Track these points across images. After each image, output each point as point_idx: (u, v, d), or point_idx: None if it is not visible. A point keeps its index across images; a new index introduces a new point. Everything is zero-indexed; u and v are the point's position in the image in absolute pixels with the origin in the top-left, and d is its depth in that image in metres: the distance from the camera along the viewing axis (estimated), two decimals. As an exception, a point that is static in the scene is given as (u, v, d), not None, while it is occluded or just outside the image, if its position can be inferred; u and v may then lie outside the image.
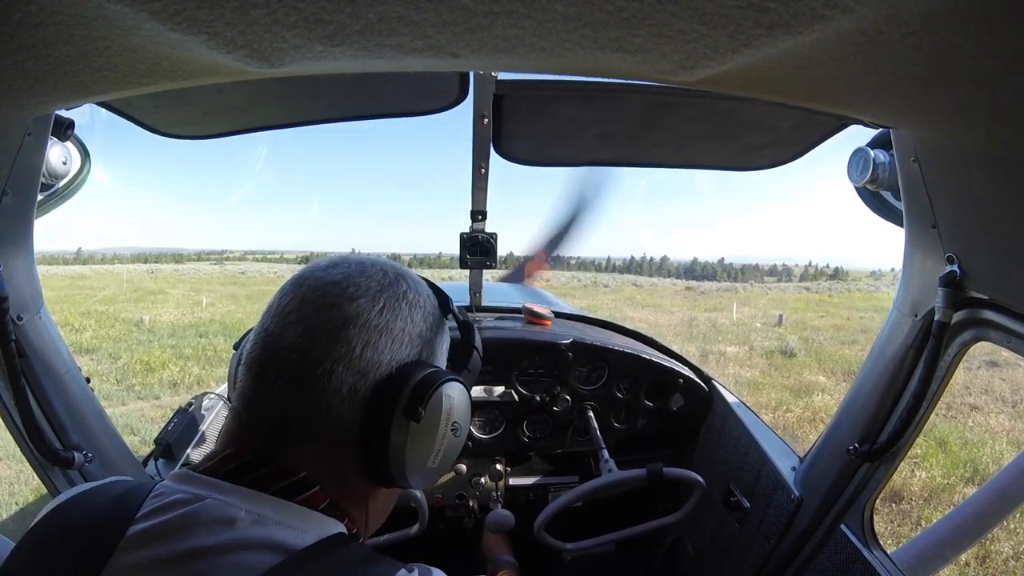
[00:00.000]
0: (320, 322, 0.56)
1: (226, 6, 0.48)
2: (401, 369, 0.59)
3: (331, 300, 0.57)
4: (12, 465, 4.42)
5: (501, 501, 1.77)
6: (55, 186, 1.11)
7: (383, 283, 0.61)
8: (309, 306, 0.57)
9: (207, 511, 0.51)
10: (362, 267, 0.62)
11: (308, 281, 0.60)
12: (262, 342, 0.58)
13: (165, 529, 0.50)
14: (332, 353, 0.55)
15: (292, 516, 0.53)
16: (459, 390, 0.63)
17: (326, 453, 0.57)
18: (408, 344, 0.60)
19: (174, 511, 0.51)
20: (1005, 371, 8.15)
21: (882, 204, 1.17)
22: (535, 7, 0.49)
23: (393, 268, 0.64)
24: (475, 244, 1.67)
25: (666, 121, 1.36)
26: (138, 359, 8.43)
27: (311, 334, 0.56)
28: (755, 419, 1.67)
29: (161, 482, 0.56)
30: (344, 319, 0.57)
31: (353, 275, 0.60)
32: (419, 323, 0.62)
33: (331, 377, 0.55)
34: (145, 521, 0.51)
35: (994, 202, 0.80)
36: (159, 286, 21.51)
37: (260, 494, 0.53)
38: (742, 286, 31.42)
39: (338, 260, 0.63)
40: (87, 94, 0.74)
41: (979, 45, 0.49)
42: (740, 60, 0.58)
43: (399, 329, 0.60)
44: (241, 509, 0.51)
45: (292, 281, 0.62)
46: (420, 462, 0.61)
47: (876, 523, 1.26)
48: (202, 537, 0.49)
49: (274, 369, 0.56)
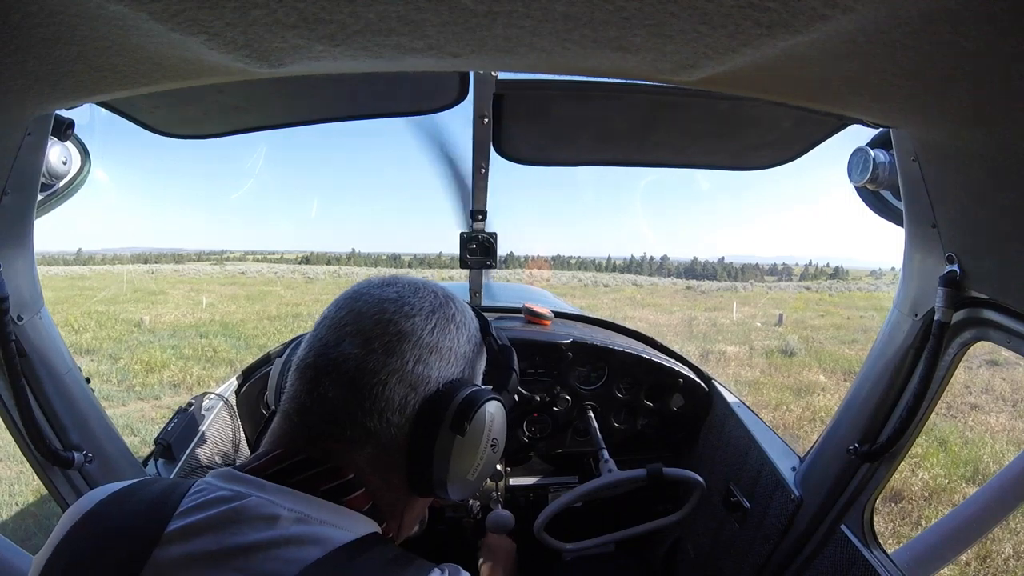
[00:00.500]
0: (377, 335, 0.60)
1: (226, 6, 0.48)
2: (448, 386, 0.62)
3: (388, 316, 0.61)
4: (12, 466, 4.42)
5: (501, 501, 1.77)
6: (55, 186, 1.11)
7: (435, 304, 0.65)
8: (367, 320, 0.61)
9: (250, 508, 0.52)
10: (415, 288, 0.66)
11: (364, 297, 0.64)
12: (317, 350, 0.61)
13: (207, 524, 0.51)
14: (387, 365, 0.59)
15: (337, 516, 0.55)
16: (499, 408, 0.68)
17: (374, 459, 0.59)
18: (454, 363, 0.64)
19: (217, 508, 0.53)
20: (1005, 370, 8.15)
21: (882, 204, 1.17)
22: (535, 7, 0.49)
23: (443, 290, 0.69)
24: (475, 244, 1.67)
25: (666, 121, 1.36)
26: (138, 359, 8.42)
27: (368, 346, 0.59)
28: (755, 419, 1.67)
29: (203, 479, 0.58)
30: (400, 335, 0.60)
31: (407, 295, 0.64)
32: (464, 344, 0.66)
33: (384, 388, 0.58)
34: (186, 517, 0.52)
35: (994, 202, 0.80)
36: (159, 286, 21.52)
37: (306, 495, 0.55)
38: (742, 285, 31.42)
39: (391, 280, 0.67)
40: (87, 94, 0.74)
41: (979, 45, 0.49)
42: (740, 60, 0.58)
43: (447, 348, 0.64)
44: (284, 507, 0.53)
45: (348, 295, 0.65)
46: (462, 474, 0.64)
47: (876, 523, 1.26)
48: (245, 533, 0.50)
49: (330, 376, 0.58)
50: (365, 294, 0.64)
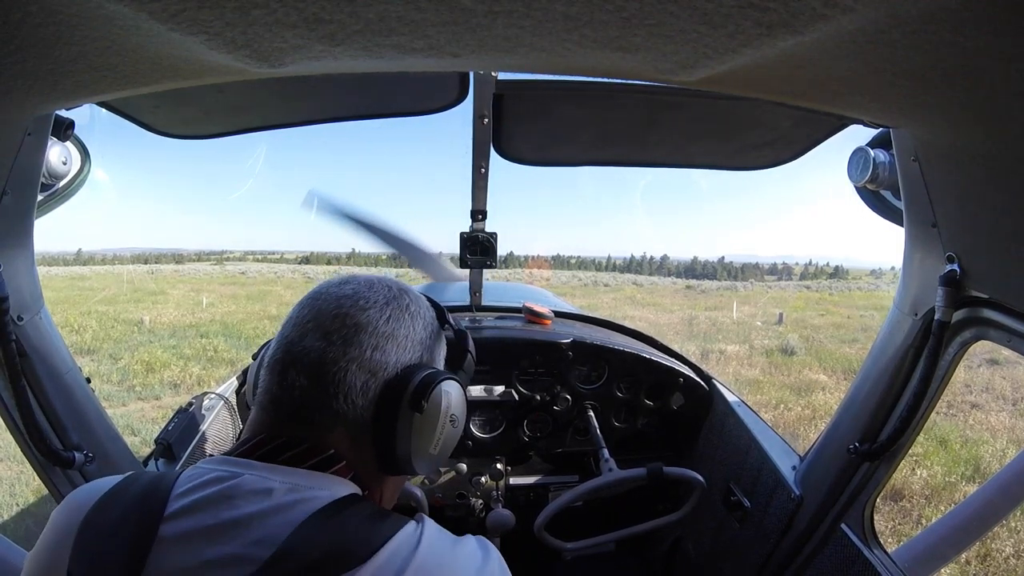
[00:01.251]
0: (336, 329, 0.65)
1: (226, 6, 0.48)
2: (406, 369, 0.67)
3: (345, 310, 0.66)
4: (12, 466, 4.42)
5: (501, 501, 1.77)
6: (55, 186, 1.11)
7: (388, 296, 0.70)
8: (326, 316, 0.66)
9: (245, 484, 0.57)
10: (370, 283, 0.71)
11: (324, 296, 0.69)
12: (283, 347, 0.66)
13: (205, 501, 0.56)
14: (347, 354, 0.64)
15: (325, 482, 0.60)
16: (456, 387, 0.73)
17: (346, 438, 0.64)
18: (411, 349, 0.69)
19: (214, 486, 0.57)
20: (1006, 369, 8.14)
21: (882, 203, 1.18)
22: (535, 7, 0.49)
23: (396, 284, 0.74)
24: (475, 244, 1.67)
25: (666, 121, 1.36)
26: (139, 359, 8.42)
27: (328, 339, 0.64)
28: (755, 418, 1.67)
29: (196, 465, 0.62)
30: (357, 326, 0.65)
31: (362, 290, 0.69)
32: (420, 331, 0.71)
33: (346, 374, 0.63)
34: (185, 498, 0.57)
35: (994, 202, 0.80)
36: (159, 287, 21.49)
37: (295, 469, 0.60)
38: (742, 285, 31.40)
39: (348, 278, 0.72)
40: (87, 94, 0.74)
41: (979, 45, 0.49)
42: (740, 60, 0.58)
43: (403, 336, 0.68)
44: (276, 480, 0.57)
45: (309, 296, 0.70)
46: (424, 449, 0.69)
47: (876, 522, 1.26)
48: (243, 507, 0.55)
49: (295, 367, 0.64)
50: (324, 293, 0.69)
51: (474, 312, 1.96)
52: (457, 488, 1.77)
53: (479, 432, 1.75)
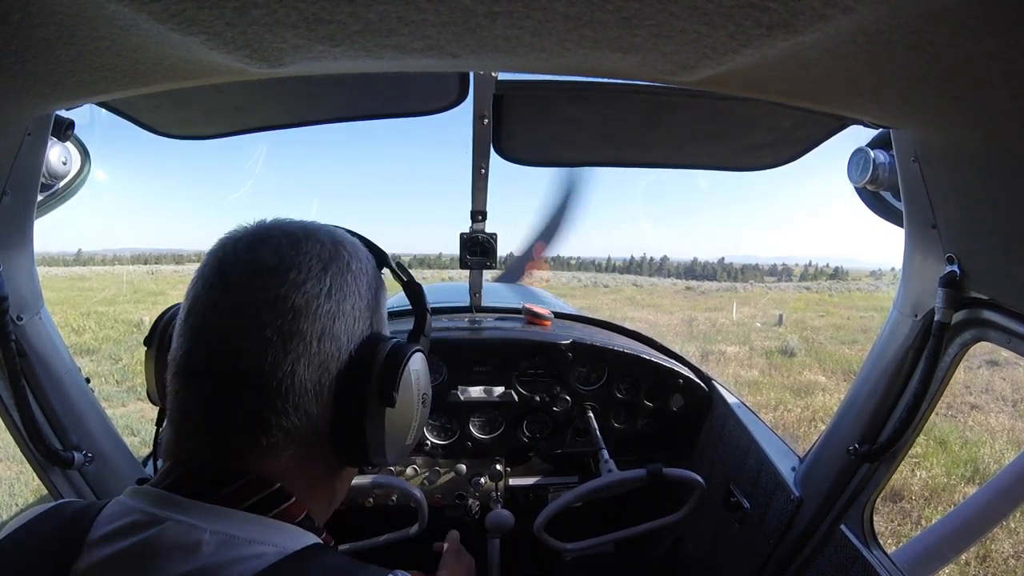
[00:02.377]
0: (267, 321, 0.49)
1: (226, 6, 0.48)
2: (359, 350, 0.54)
3: (273, 292, 0.50)
4: (12, 466, 4.42)
5: (501, 501, 1.77)
6: (55, 186, 1.11)
7: (324, 258, 0.53)
8: (245, 300, 0.50)
9: (167, 536, 0.45)
10: (294, 241, 0.53)
11: (235, 267, 0.51)
12: (198, 350, 0.50)
13: (120, 557, 0.45)
14: (289, 353, 0.49)
15: (267, 532, 0.48)
16: (420, 358, 0.60)
17: (298, 457, 0.52)
18: (359, 319, 0.55)
19: (131, 536, 0.46)
20: (1005, 370, 8.14)
21: (882, 204, 1.18)
22: (535, 7, 0.49)
23: (328, 235, 0.56)
24: (475, 244, 1.67)
25: (666, 121, 1.36)
26: (138, 360, 8.41)
27: (260, 334, 0.49)
28: (755, 419, 1.67)
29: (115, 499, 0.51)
30: (294, 311, 0.50)
31: (288, 255, 0.51)
32: (365, 292, 0.57)
33: (294, 379, 0.50)
34: (100, 548, 0.46)
35: (994, 202, 0.80)
36: (159, 287, 21.48)
37: (230, 510, 0.47)
38: (742, 286, 31.39)
39: (263, 236, 0.53)
40: (87, 94, 0.74)
41: (979, 45, 0.49)
42: (740, 60, 0.58)
43: (350, 307, 0.54)
44: (206, 531, 0.45)
45: (213, 268, 0.52)
46: (399, 441, 0.59)
47: (876, 522, 1.26)
48: (163, 567, 0.44)
49: (223, 380, 0.50)
50: (234, 263, 0.52)
51: (474, 313, 1.96)
52: (457, 489, 1.77)
53: (479, 433, 1.75)
